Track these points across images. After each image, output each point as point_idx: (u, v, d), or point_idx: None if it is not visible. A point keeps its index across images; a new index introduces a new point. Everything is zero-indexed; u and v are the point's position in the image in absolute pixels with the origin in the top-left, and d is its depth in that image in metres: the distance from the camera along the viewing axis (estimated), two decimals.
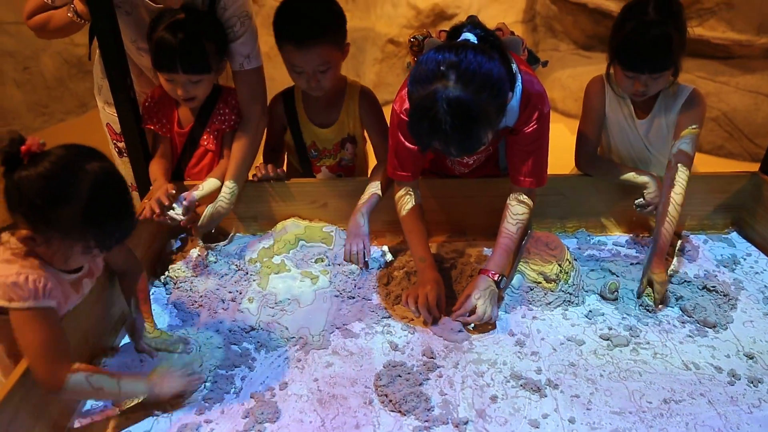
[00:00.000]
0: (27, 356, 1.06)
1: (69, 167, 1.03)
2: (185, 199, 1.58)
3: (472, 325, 1.41)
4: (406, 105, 1.34)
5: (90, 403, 1.23)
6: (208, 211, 1.63)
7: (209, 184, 1.66)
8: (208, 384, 1.26)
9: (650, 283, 1.50)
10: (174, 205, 1.58)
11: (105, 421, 1.18)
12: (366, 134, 1.85)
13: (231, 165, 1.67)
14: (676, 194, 1.55)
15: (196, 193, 1.61)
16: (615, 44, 1.55)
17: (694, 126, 1.59)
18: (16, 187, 1.01)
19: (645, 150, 1.73)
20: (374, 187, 1.65)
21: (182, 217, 1.56)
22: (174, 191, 1.58)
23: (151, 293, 1.56)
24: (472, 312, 1.39)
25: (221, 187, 1.67)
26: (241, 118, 1.73)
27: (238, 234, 1.81)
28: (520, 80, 1.36)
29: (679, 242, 1.75)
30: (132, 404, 1.20)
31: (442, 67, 1.16)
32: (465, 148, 1.23)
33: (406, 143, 1.45)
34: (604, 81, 1.71)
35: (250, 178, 1.76)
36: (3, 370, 1.21)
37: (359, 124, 1.81)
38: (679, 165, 1.57)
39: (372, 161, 1.85)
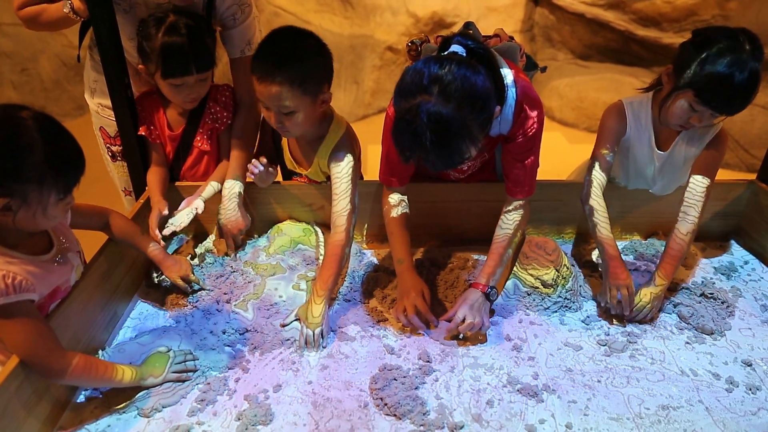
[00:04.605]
0: (20, 353, 1.05)
1: (9, 121, 1.01)
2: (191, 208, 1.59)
3: (461, 335, 1.40)
4: None
5: (83, 395, 1.23)
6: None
7: (208, 190, 1.65)
8: (200, 386, 1.24)
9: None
10: (174, 215, 1.59)
11: (97, 420, 1.16)
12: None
13: (232, 163, 1.68)
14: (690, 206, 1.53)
15: (198, 203, 1.61)
16: (699, 75, 1.37)
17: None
18: None
19: (653, 177, 1.68)
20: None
21: (183, 226, 1.57)
22: (166, 212, 1.59)
23: (147, 293, 1.56)
24: (461, 323, 1.37)
25: (221, 190, 1.66)
26: (238, 106, 1.72)
27: None
28: (514, 89, 1.36)
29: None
30: (125, 405, 1.19)
31: (425, 81, 1.16)
32: (445, 163, 1.22)
33: None
34: (624, 110, 1.60)
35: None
36: None
37: None
38: (695, 176, 1.55)
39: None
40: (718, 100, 1.38)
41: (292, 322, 1.45)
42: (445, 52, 1.25)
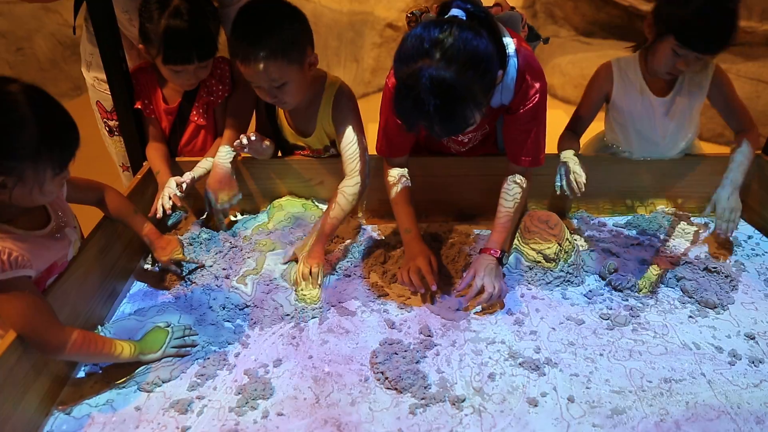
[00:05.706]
0: (17, 329, 1.04)
1: None
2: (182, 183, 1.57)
3: (479, 307, 1.39)
4: None
5: (83, 371, 1.22)
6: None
7: (204, 164, 1.64)
8: (200, 361, 1.24)
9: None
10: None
11: (97, 395, 1.16)
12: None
13: (225, 140, 1.65)
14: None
15: (189, 175, 1.60)
16: (675, 19, 1.44)
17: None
18: None
19: (657, 129, 1.68)
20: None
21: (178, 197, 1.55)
22: (185, 183, 1.57)
23: (145, 270, 1.55)
24: (480, 293, 1.36)
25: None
26: (236, 83, 1.69)
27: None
28: (515, 57, 1.32)
29: (682, 223, 1.73)
30: (125, 380, 1.18)
31: (426, 45, 1.12)
32: (449, 129, 1.20)
33: (397, 120, 1.42)
34: (611, 67, 1.67)
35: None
36: None
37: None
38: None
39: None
40: (697, 40, 1.43)
41: (290, 261, 1.52)
42: (445, 17, 1.22)
